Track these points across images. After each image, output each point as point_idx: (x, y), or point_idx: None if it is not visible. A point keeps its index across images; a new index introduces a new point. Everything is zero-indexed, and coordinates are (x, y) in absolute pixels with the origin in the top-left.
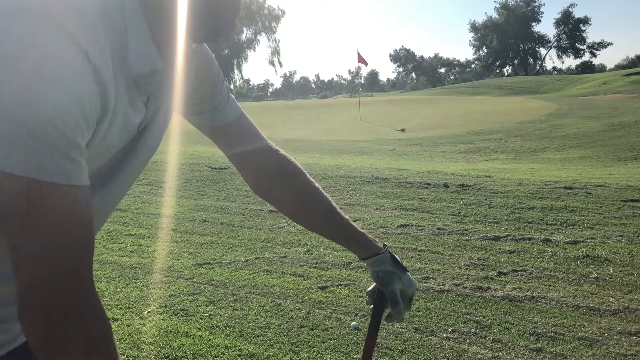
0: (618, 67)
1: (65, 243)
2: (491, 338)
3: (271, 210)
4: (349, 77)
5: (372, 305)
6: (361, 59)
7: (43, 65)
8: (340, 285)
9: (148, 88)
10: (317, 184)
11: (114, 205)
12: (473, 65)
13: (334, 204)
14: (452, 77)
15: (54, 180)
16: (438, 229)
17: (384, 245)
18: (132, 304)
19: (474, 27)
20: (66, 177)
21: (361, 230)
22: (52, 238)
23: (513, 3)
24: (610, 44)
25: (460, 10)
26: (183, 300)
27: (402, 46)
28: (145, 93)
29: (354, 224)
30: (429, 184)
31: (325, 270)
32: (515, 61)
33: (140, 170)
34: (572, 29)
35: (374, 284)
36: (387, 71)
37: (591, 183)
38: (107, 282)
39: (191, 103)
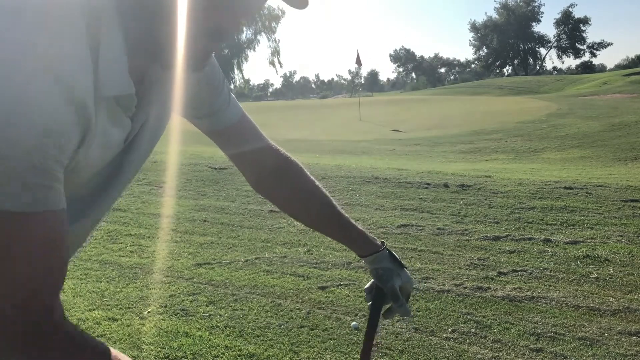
0: (618, 67)
1: (35, 273)
2: (491, 338)
3: (271, 210)
4: (349, 77)
5: (370, 303)
6: (357, 60)
7: (11, 97)
8: (340, 285)
9: (130, 107)
10: (318, 183)
11: (103, 216)
12: (473, 65)
13: (334, 202)
14: (452, 77)
15: (16, 209)
16: (438, 229)
17: (383, 242)
18: (132, 304)
19: (474, 27)
20: (34, 204)
21: (360, 228)
22: (19, 270)
23: (513, 3)
24: (610, 44)
25: (460, 10)
26: (183, 300)
27: (402, 46)
28: (130, 110)
29: (353, 222)
30: (429, 184)
31: (325, 270)
32: (515, 61)
33: (131, 180)
34: (572, 29)
35: (371, 281)
36: (387, 71)
37: (591, 183)
38: (107, 282)
39: (191, 107)
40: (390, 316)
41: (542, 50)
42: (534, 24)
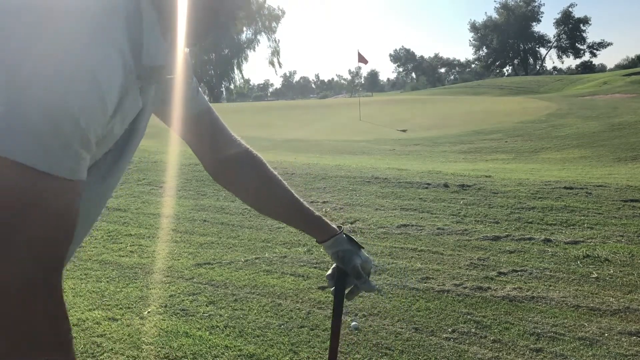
0: (618, 67)
1: (54, 236)
2: (491, 338)
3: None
4: (349, 77)
5: (333, 288)
6: (361, 58)
7: (76, 64)
8: None
9: (151, 81)
10: (277, 173)
11: (111, 194)
12: (473, 65)
13: (293, 190)
14: (452, 77)
15: (63, 175)
16: (438, 229)
17: (339, 227)
18: (132, 304)
19: (474, 27)
20: (73, 172)
21: (318, 214)
22: (45, 230)
23: (513, 3)
24: (610, 44)
25: (460, 10)
26: (183, 300)
27: (402, 46)
28: (147, 85)
29: (312, 209)
30: (429, 184)
31: (325, 270)
32: (515, 61)
33: (131, 158)
34: (572, 28)
35: (332, 268)
36: (387, 71)
37: (591, 183)
38: (107, 282)
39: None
40: (353, 296)
41: (542, 50)
42: (534, 23)
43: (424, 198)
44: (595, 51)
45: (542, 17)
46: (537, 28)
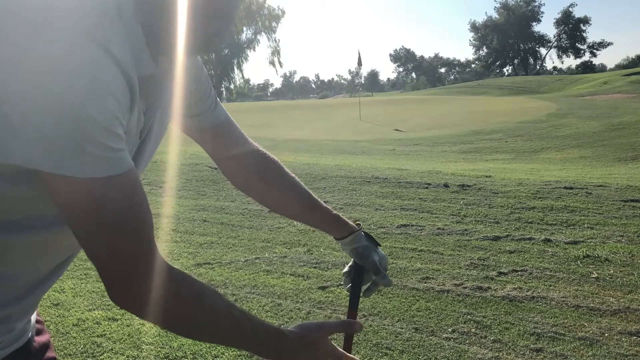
0: (618, 67)
1: (130, 226)
2: (491, 338)
3: (271, 210)
4: (349, 77)
5: (349, 285)
6: (358, 60)
7: (81, 70)
8: (340, 285)
9: (147, 94)
10: (294, 175)
11: None
12: (473, 65)
13: (310, 191)
14: (452, 77)
15: (107, 173)
16: (438, 229)
17: (358, 224)
18: None
19: (474, 27)
20: (115, 167)
21: (335, 212)
22: (116, 228)
23: (513, 3)
24: (610, 43)
25: (460, 10)
26: None
27: (402, 46)
28: (146, 101)
29: (329, 207)
30: (429, 184)
31: (325, 270)
32: (516, 61)
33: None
34: (572, 28)
35: (348, 265)
36: (387, 71)
37: (591, 183)
38: None
39: (186, 105)
40: (370, 293)
41: (542, 50)
42: (534, 23)
43: (424, 198)
44: (595, 51)
45: (542, 17)
46: (537, 28)
